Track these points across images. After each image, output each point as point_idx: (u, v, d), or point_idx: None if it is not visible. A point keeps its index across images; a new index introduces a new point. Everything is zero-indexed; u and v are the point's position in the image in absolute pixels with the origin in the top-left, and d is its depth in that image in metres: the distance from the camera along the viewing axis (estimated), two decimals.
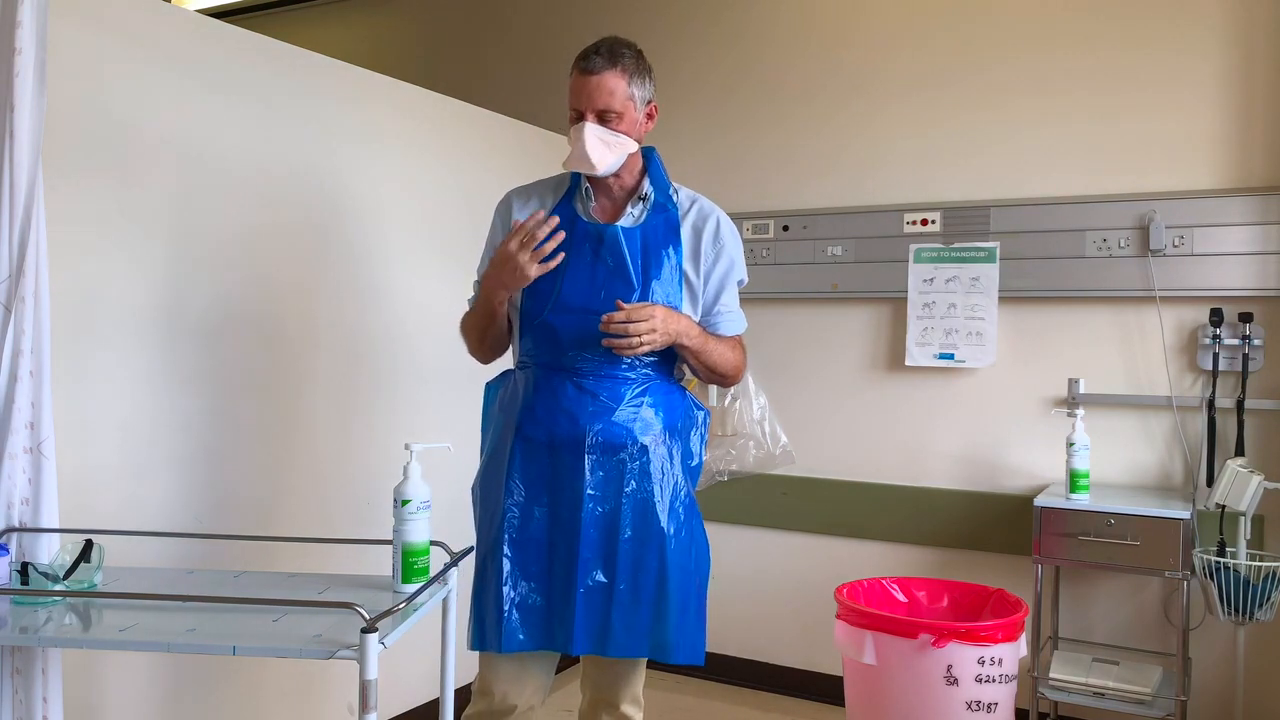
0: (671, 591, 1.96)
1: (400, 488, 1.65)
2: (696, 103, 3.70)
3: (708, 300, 2.06)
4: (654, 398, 1.99)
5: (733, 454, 3.54)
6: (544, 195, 2.10)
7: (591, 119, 1.94)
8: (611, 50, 1.96)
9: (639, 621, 1.94)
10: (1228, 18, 2.91)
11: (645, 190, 2.04)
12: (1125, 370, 3.03)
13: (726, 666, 3.62)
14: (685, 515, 2.03)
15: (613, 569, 1.93)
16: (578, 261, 1.98)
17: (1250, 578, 2.63)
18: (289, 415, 2.63)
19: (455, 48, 4.28)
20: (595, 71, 1.94)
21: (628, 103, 1.96)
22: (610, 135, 1.95)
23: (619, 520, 1.94)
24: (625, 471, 1.95)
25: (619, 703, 2.08)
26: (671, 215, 2.04)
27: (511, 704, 1.99)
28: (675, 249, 2.02)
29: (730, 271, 2.08)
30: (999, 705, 2.48)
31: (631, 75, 1.97)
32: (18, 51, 1.67)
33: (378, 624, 1.38)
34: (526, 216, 2.01)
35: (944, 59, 3.29)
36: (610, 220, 2.04)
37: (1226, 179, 2.92)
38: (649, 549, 1.96)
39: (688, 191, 2.12)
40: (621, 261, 1.97)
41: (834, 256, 3.41)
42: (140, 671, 2.25)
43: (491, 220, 2.14)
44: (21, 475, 1.72)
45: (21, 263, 1.69)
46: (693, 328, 1.98)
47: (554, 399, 1.96)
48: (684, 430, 2.06)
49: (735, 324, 2.10)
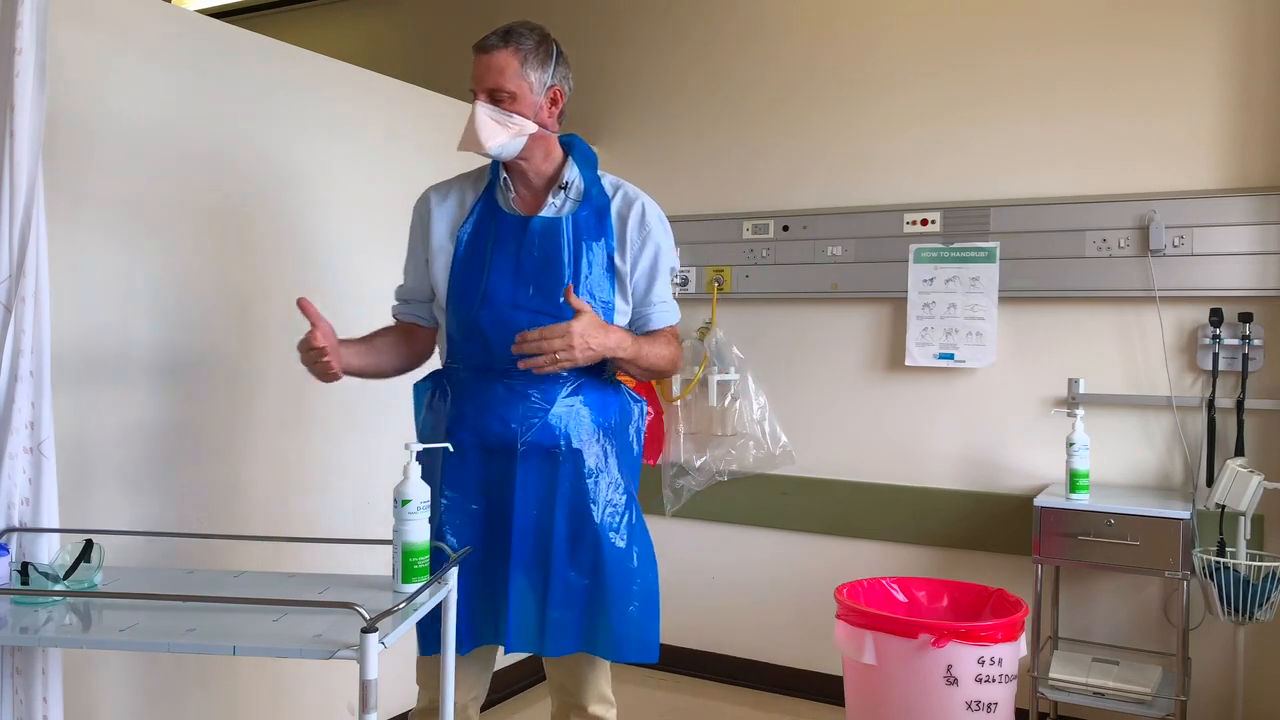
0: (610, 589, 1.94)
1: (400, 488, 1.65)
2: (697, 102, 3.70)
3: (638, 292, 2.02)
4: (587, 396, 1.96)
5: (733, 454, 3.55)
6: (464, 188, 2.06)
7: (483, 98, 1.91)
8: (509, 31, 1.92)
9: (575, 620, 1.94)
10: (1228, 17, 2.91)
11: (566, 179, 1.99)
12: (1125, 370, 3.03)
13: (726, 666, 3.62)
14: (623, 513, 1.99)
15: (547, 570, 1.92)
16: (502, 257, 1.94)
17: (1250, 578, 2.63)
18: (290, 415, 2.63)
19: (455, 47, 4.27)
20: (487, 50, 1.91)
21: (521, 83, 1.91)
22: (502, 115, 1.90)
23: (553, 521, 1.92)
24: (559, 472, 1.93)
25: (586, 704, 2.06)
26: (599, 203, 1.99)
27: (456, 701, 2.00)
28: (605, 238, 1.97)
29: (659, 260, 2.03)
30: (999, 705, 2.48)
31: (527, 56, 1.91)
32: (18, 51, 1.67)
33: (378, 624, 1.38)
34: (444, 212, 2.02)
35: (944, 58, 3.29)
36: (533, 211, 1.99)
37: (1226, 179, 2.92)
38: (582, 548, 1.94)
39: (612, 178, 2.06)
40: (549, 254, 1.93)
41: (834, 256, 3.41)
42: (140, 671, 2.25)
43: (411, 220, 2.10)
44: (21, 475, 1.71)
45: (21, 263, 1.69)
46: (625, 339, 1.92)
47: (484, 401, 1.93)
48: (619, 426, 2.03)
49: (668, 315, 2.06)
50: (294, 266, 2.63)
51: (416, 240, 2.07)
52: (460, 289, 1.96)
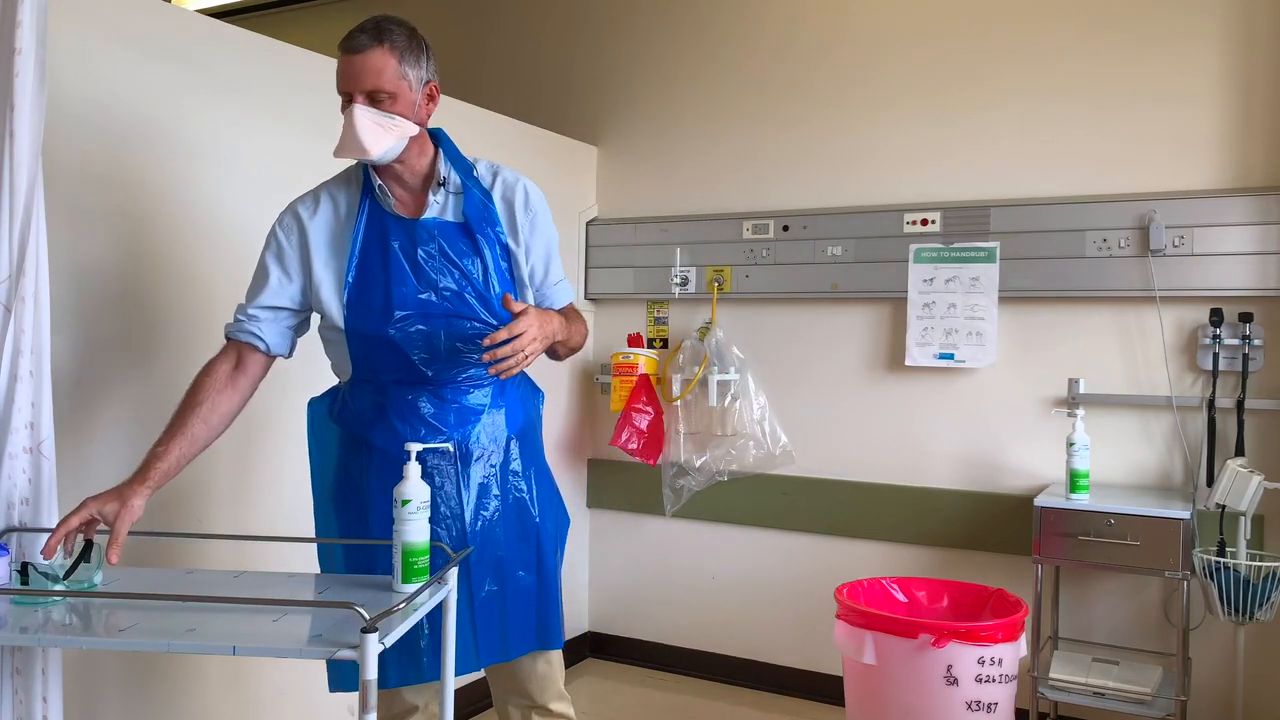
0: (550, 580, 1.98)
1: (400, 488, 1.65)
2: (697, 102, 3.70)
3: (537, 274, 1.98)
4: (507, 390, 1.96)
5: (733, 454, 3.55)
6: (334, 196, 1.93)
7: (361, 101, 1.79)
8: (378, 27, 1.81)
9: (528, 617, 1.94)
10: (1228, 17, 2.91)
11: (441, 174, 1.91)
12: (1125, 370, 3.03)
13: (726, 666, 3.62)
14: (549, 498, 2.02)
15: (501, 573, 1.91)
16: (398, 266, 1.85)
17: (1250, 578, 2.63)
18: (290, 415, 2.62)
19: (455, 47, 4.27)
20: (360, 51, 1.79)
21: (400, 82, 1.81)
22: (383, 118, 1.80)
23: (500, 522, 1.92)
24: (502, 473, 1.92)
25: (548, 703, 2.02)
26: (480, 193, 1.93)
27: (412, 704, 1.99)
28: (494, 227, 1.92)
29: (551, 238, 2.00)
30: (999, 705, 2.48)
31: (403, 53, 1.82)
32: (18, 51, 1.67)
33: (378, 624, 1.37)
34: (320, 227, 1.89)
35: (944, 58, 3.29)
36: (415, 213, 1.90)
37: (1226, 179, 2.92)
38: (528, 544, 1.95)
39: (487, 163, 1.99)
40: (446, 255, 1.87)
41: (834, 256, 3.41)
42: (140, 671, 2.25)
43: (270, 235, 1.93)
44: (21, 475, 1.71)
45: (21, 263, 1.69)
46: (556, 319, 1.88)
47: (413, 411, 1.86)
48: (535, 413, 2.06)
49: (566, 293, 2.04)
50: None
51: (288, 260, 1.90)
52: (362, 305, 1.85)
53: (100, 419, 2.15)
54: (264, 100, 2.53)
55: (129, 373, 2.22)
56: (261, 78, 2.53)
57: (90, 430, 2.12)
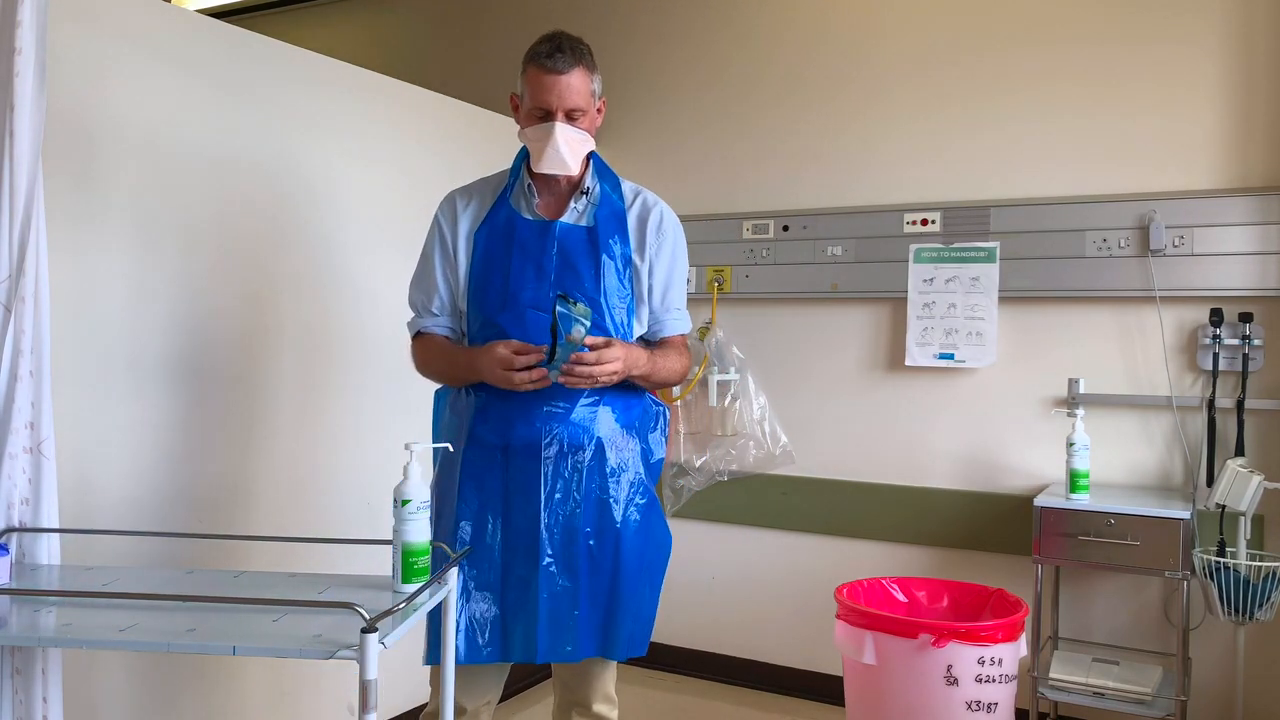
0: (624, 589, 1.96)
1: (400, 488, 1.65)
2: (697, 102, 3.70)
3: (655, 296, 2.04)
4: (610, 396, 1.98)
5: (733, 454, 3.54)
6: (484, 194, 2.07)
7: (561, 118, 1.92)
8: (574, 48, 1.95)
9: (596, 622, 1.95)
10: (1228, 17, 2.91)
11: (588, 184, 2.02)
12: (1125, 370, 3.03)
13: (726, 666, 3.62)
14: (642, 513, 2.01)
15: (575, 573, 1.92)
16: (523, 260, 1.96)
17: (1250, 578, 2.63)
18: (291, 414, 2.63)
19: (456, 47, 4.28)
20: (565, 71, 1.92)
21: (590, 100, 1.97)
22: (577, 134, 1.94)
23: (577, 522, 1.93)
24: (584, 473, 1.93)
25: (591, 703, 2.06)
26: (617, 207, 2.02)
27: (461, 706, 1.99)
28: (623, 241, 2.00)
29: (675, 265, 2.06)
30: (999, 705, 2.48)
31: (592, 72, 1.97)
32: (18, 51, 1.67)
33: (378, 624, 1.38)
34: (468, 215, 2.01)
35: (944, 58, 3.28)
36: (554, 216, 2.01)
37: (1226, 179, 2.92)
38: (605, 548, 1.95)
39: (631, 185, 2.10)
40: (570, 257, 1.95)
41: (834, 256, 3.41)
42: (140, 671, 2.25)
43: (433, 221, 2.08)
44: (21, 475, 1.72)
45: (21, 263, 1.69)
46: (642, 356, 1.95)
47: (507, 402, 1.93)
48: (642, 428, 2.05)
49: (682, 324, 2.09)
50: (299, 267, 2.62)
51: (444, 243, 2.05)
52: (482, 289, 1.97)
53: (100, 419, 2.15)
54: (265, 101, 2.53)
55: (128, 372, 2.22)
56: (263, 79, 2.53)
57: (90, 430, 2.12)
